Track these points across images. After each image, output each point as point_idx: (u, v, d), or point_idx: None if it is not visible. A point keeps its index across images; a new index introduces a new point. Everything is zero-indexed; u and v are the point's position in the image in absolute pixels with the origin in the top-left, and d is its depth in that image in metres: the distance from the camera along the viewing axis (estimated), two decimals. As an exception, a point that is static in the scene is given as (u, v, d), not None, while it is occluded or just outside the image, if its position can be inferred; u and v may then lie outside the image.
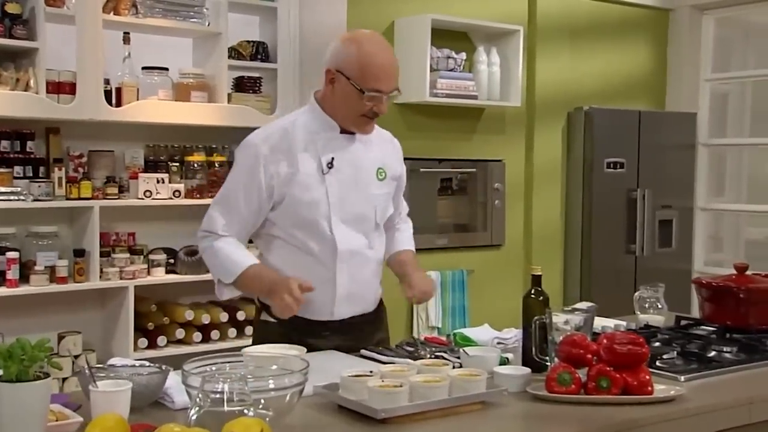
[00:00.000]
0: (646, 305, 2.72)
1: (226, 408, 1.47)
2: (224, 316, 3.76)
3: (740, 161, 6.15)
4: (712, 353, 2.25)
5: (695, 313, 5.02)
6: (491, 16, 4.63)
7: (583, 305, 2.09)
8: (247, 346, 2.07)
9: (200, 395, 1.49)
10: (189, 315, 3.66)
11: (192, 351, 3.64)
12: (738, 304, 2.45)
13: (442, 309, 4.55)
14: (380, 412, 1.66)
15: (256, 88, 3.96)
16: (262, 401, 1.57)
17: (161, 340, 3.61)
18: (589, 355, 1.85)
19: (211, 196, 3.71)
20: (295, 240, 2.21)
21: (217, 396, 1.48)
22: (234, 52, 3.89)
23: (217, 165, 3.80)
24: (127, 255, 3.57)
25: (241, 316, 3.80)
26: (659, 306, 2.72)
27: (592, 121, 4.98)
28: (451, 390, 1.76)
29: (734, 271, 2.55)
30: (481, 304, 4.72)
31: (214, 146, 3.88)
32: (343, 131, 2.24)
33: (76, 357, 3.33)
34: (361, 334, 2.33)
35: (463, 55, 4.47)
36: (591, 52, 5.19)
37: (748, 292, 2.44)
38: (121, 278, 3.52)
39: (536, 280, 2.11)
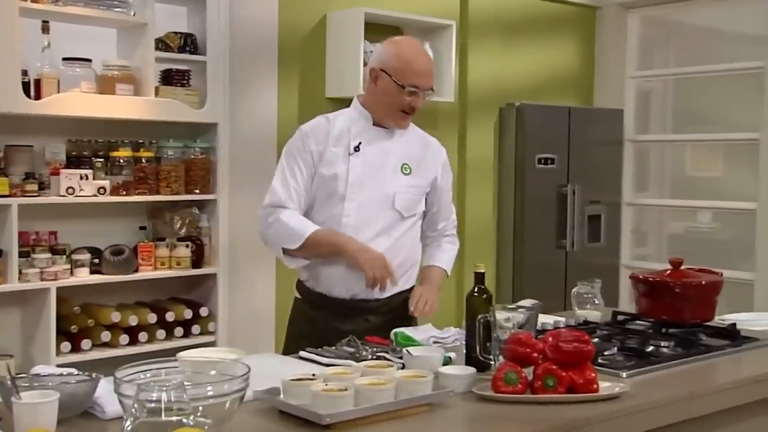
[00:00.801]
0: (584, 300, 2.74)
1: (163, 418, 1.39)
2: (152, 317, 3.63)
3: (663, 157, 6.30)
4: (651, 348, 2.27)
5: (623, 306, 5.15)
6: (424, 11, 4.61)
7: (527, 302, 2.08)
8: (179, 347, 2.00)
9: (135, 405, 1.41)
10: (115, 317, 3.52)
11: (119, 354, 3.51)
12: (674, 299, 2.48)
13: (376, 306, 4.50)
14: (325, 418, 1.60)
15: (185, 82, 3.84)
16: (200, 409, 1.50)
17: (86, 343, 3.46)
18: (536, 354, 1.83)
19: (139, 193, 3.63)
20: (317, 211, 2.47)
21: (154, 405, 1.40)
22: (161, 44, 3.76)
23: (144, 160, 3.67)
24: (49, 255, 3.41)
25: (170, 317, 3.68)
26: (596, 301, 2.73)
27: (524, 117, 5.02)
28: (397, 392, 1.72)
29: (665, 266, 2.58)
30: (414, 301, 4.69)
31: (140, 141, 3.74)
32: (375, 124, 2.48)
33: (-6, 363, 3.16)
34: (366, 322, 2.47)
35: (396, 50, 4.43)
36: (522, 48, 5.22)
37: (684, 287, 2.47)
38: (41, 279, 3.36)
39: (479, 278, 2.09)
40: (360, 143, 2.45)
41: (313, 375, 1.77)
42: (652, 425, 1.83)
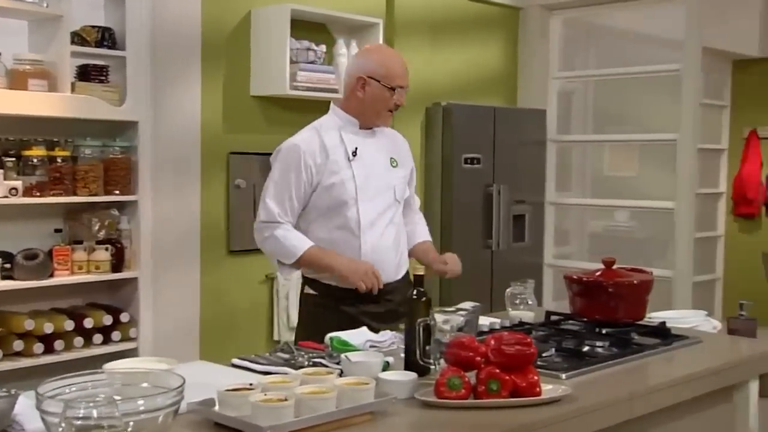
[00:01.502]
0: (517, 301, 2.74)
1: (94, 436, 1.31)
2: (69, 325, 3.48)
3: (584, 157, 6.44)
4: (587, 348, 2.29)
5: (548, 305, 5.22)
6: (350, 8, 4.56)
7: (467, 305, 2.06)
8: (98, 355, 1.92)
9: (63, 423, 1.32)
10: (29, 324, 3.36)
11: (33, 364, 3.35)
12: (607, 298, 2.50)
13: (304, 309, 4.44)
14: (266, 430, 1.54)
15: (103, 77, 3.69)
16: (131, 424, 1.42)
17: (-3, 353, 3.29)
18: (478, 358, 1.81)
19: (54, 194, 3.46)
20: (328, 217, 2.66)
21: (82, 423, 1.32)
22: (77, 38, 3.60)
23: (59, 160, 3.51)
24: (-44, 260, 3.23)
25: (88, 323, 3.53)
26: (529, 302, 2.74)
27: (450, 117, 5.03)
28: (339, 401, 1.67)
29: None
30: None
31: (56, 140, 3.57)
32: (361, 127, 2.71)
33: None
34: (389, 302, 2.68)
35: (323, 48, 4.38)
36: (448, 47, 5.24)
37: (617, 287, 2.49)
38: (-51, 286, 3.18)
39: (418, 281, 2.06)
40: (356, 148, 2.66)
41: (251, 384, 1.71)
42: (594, 427, 1.83)
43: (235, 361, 2.15)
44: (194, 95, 4.05)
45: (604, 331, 2.43)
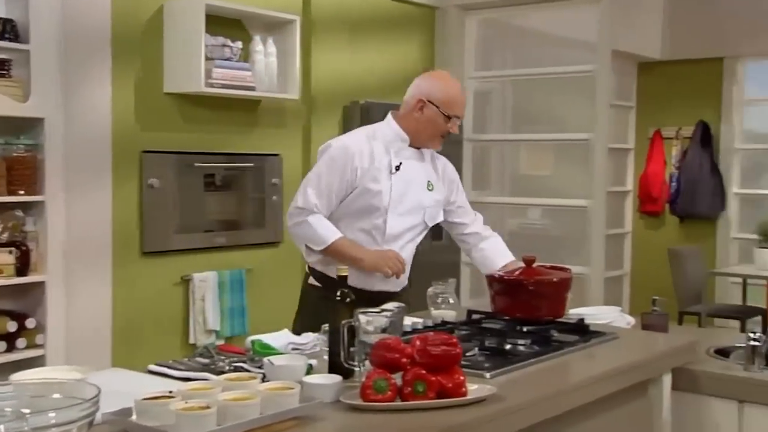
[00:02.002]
0: (439, 300, 2.74)
1: (2, 453, 1.23)
2: (-28, 332, 3.30)
3: (502, 156, 6.52)
4: (509, 346, 2.30)
5: (465, 303, 5.26)
6: (266, 5, 4.49)
7: (391, 306, 2.03)
8: (2, 364, 1.81)
9: (-33, 440, 1.23)
10: (-73, 333, 3.17)
11: (-68, 374, 3.16)
12: (527, 296, 2.52)
13: (221, 311, 4.35)
14: (187, 440, 1.48)
15: (5, 72, 3.52)
16: (43, 438, 1.34)
17: None
18: (405, 359, 1.79)
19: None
20: (356, 221, 2.76)
21: (-11, 439, 1.24)
22: (-23, 30, 3.42)
23: (-42, 159, 3.33)
24: None
25: (-8, 330, 3.36)
26: (451, 301, 2.74)
27: (369, 115, 4.99)
28: (263, 407, 1.62)
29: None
30: (260, 304, 4.58)
31: (-46, 137, 3.39)
32: (411, 145, 2.82)
33: None
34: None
35: (240, 44, 4.29)
36: (366, 46, 5.21)
37: (537, 285, 2.51)
38: None
39: (342, 282, 2.02)
40: (401, 163, 2.78)
41: (171, 392, 1.64)
42: (519, 426, 1.84)
43: (152, 367, 2.07)
44: (105, 91, 3.90)
45: (525, 329, 2.44)
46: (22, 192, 3.50)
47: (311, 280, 2.86)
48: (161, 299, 4.19)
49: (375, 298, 2.67)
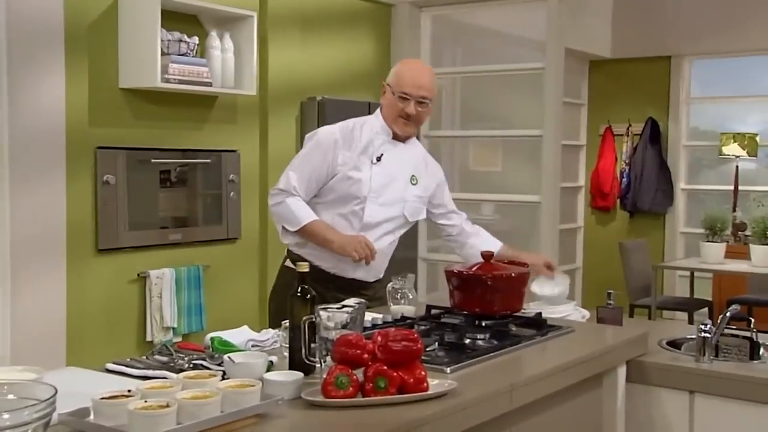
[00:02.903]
0: (398, 296, 2.73)
1: (-46, 457, 1.18)
2: None
3: (452, 153, 6.54)
4: (468, 341, 2.30)
5: (422, 297, 5.27)
6: (223, 0, 4.42)
7: (352, 302, 2.01)
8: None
9: None
10: None
11: None
12: (485, 291, 2.52)
13: (178, 308, 4.28)
14: (147, 439, 1.45)
15: (-46, 66, 3.41)
16: (-4, 441, 1.30)
17: None
18: (366, 355, 1.77)
19: None
20: (334, 207, 2.82)
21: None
22: (-75, 23, 3.31)
23: None
24: None
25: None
26: (410, 296, 2.74)
27: (325, 112, 4.98)
28: (224, 404, 1.59)
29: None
30: (218, 301, 4.53)
31: None
32: (394, 137, 2.86)
33: None
34: (363, 296, 2.70)
35: (196, 40, 4.23)
36: (322, 42, 5.18)
37: (495, 280, 2.52)
38: None
39: (302, 278, 2.00)
40: (382, 155, 2.82)
41: (129, 391, 1.60)
42: (479, 420, 1.83)
43: (110, 365, 2.02)
44: (58, 87, 3.81)
45: (483, 324, 2.45)
46: (-28, 188, 3.40)
47: (287, 263, 2.92)
48: (117, 297, 4.11)
49: (347, 286, 2.82)
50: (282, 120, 4.92)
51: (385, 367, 1.76)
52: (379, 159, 2.83)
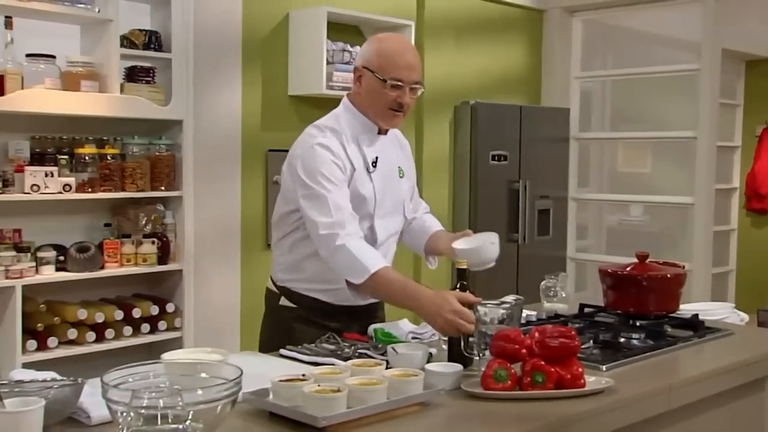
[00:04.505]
0: (551, 293, 2.69)
1: (159, 425, 1.28)
2: (119, 314, 3.46)
3: (601, 154, 6.36)
4: (623, 340, 2.23)
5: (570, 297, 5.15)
6: (384, 11, 4.52)
7: (510, 298, 2.00)
8: (146, 344, 1.88)
9: (131, 413, 1.29)
10: (81, 314, 3.35)
11: (85, 351, 3.34)
12: (639, 291, 2.44)
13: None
14: (321, 420, 1.50)
15: (149, 79, 3.67)
16: (191, 414, 1.39)
17: (52, 341, 3.27)
18: (523, 350, 1.76)
19: (105, 190, 3.44)
20: None
21: (148, 412, 1.29)
22: (126, 41, 3.58)
23: (109, 157, 3.49)
24: (13, 253, 3.21)
25: (136, 313, 3.51)
26: (563, 294, 2.69)
27: (477, 115, 4.97)
28: (389, 392, 1.63)
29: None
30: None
31: (105, 138, 3.56)
32: (380, 132, 2.27)
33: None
34: (368, 318, 2.33)
35: (357, 49, 4.33)
36: (474, 48, 5.17)
37: (650, 280, 2.43)
38: (6, 278, 3.16)
39: (461, 274, 2.01)
40: (376, 158, 2.23)
41: (303, 375, 1.67)
42: (635, 419, 1.78)
43: (284, 351, 2.12)
44: (234, 95, 4.03)
45: (638, 324, 2.37)
46: (162, 188, 3.64)
47: (283, 301, 2.34)
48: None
49: (363, 312, 2.32)
50: (436, 124, 4.95)
51: (543, 363, 1.74)
52: (374, 164, 2.23)
